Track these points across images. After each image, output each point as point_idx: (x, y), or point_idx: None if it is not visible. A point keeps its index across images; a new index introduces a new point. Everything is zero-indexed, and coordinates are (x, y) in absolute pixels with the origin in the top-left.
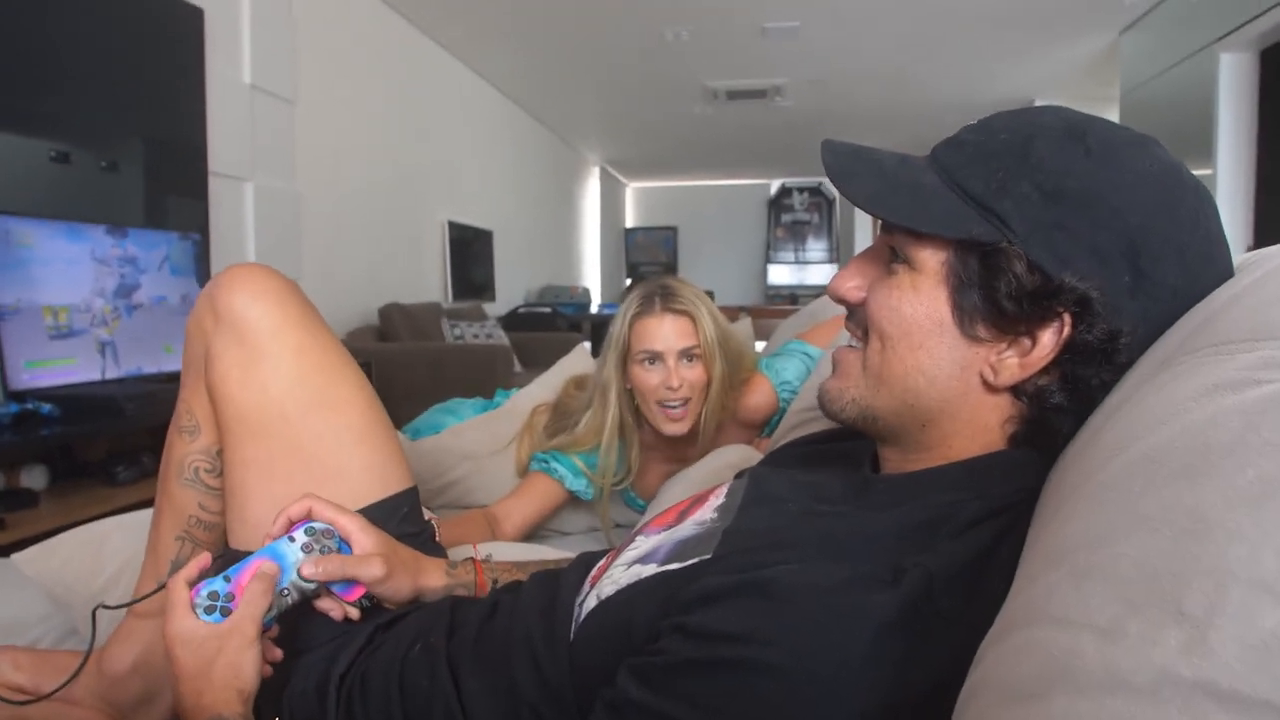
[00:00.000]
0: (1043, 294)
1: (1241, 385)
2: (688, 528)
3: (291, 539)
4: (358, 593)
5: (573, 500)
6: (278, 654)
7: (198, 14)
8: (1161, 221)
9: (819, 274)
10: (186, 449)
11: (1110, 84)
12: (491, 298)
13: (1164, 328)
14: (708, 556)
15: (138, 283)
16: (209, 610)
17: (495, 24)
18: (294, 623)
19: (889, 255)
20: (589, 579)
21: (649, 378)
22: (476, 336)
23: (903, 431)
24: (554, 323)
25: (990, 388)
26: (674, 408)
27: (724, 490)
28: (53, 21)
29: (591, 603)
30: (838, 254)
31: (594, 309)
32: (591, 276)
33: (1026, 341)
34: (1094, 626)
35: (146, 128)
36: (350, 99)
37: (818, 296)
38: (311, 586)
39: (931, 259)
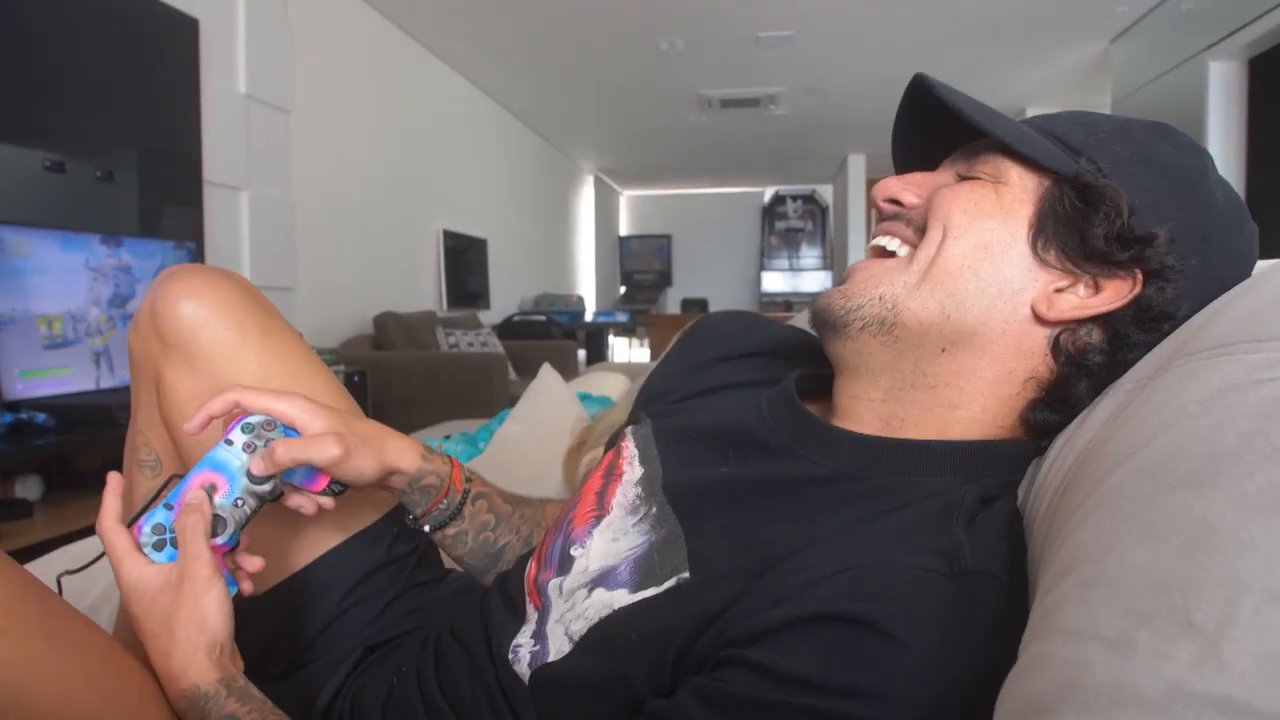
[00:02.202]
0: (1135, 241)
1: (1246, 388)
2: (628, 529)
3: (229, 442)
4: (322, 481)
5: None
6: (258, 564)
7: (193, 24)
8: (1231, 224)
9: (813, 281)
10: (149, 485)
11: (1102, 92)
12: (486, 306)
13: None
14: (685, 576)
15: (133, 292)
16: (159, 547)
17: (491, 34)
18: (272, 640)
19: (954, 180)
20: (527, 598)
21: None
22: (471, 345)
23: (915, 350)
24: (549, 331)
25: (1039, 320)
26: None
27: (631, 452)
28: (48, 31)
29: (565, 645)
30: (831, 261)
31: (588, 317)
32: (586, 284)
33: (1089, 288)
34: (1102, 639)
35: (142, 137)
36: (345, 108)
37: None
38: (268, 488)
39: (1022, 179)
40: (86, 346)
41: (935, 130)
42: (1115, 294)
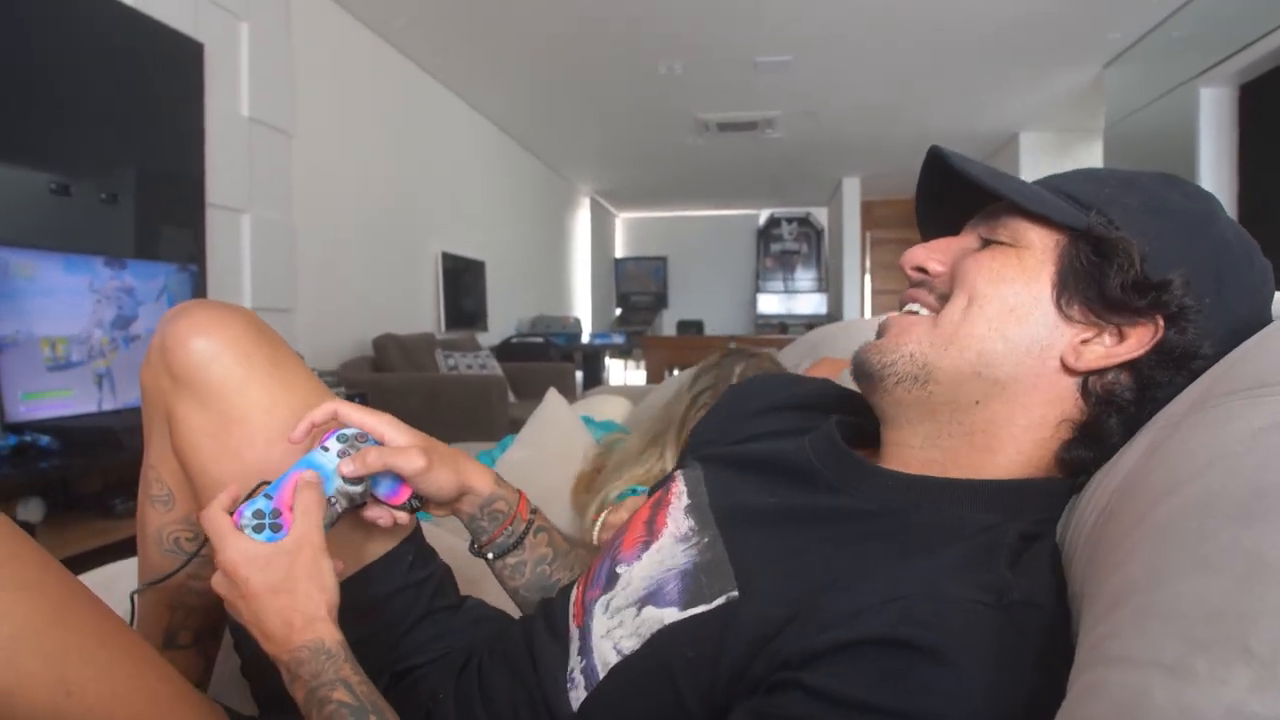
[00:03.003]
0: (1151, 288)
1: None
2: (675, 552)
3: (325, 448)
4: (404, 494)
5: None
6: (339, 565)
7: (198, 48)
8: (1243, 262)
9: (808, 303)
10: (162, 520)
11: (1095, 116)
12: (484, 327)
13: (1215, 361)
14: (735, 595)
15: (135, 314)
16: (259, 529)
17: (491, 58)
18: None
19: (977, 244)
20: (572, 620)
21: None
22: (470, 367)
23: (949, 404)
24: (547, 353)
25: (1068, 370)
26: None
27: (680, 488)
28: (56, 55)
29: (612, 657)
30: (826, 284)
31: (585, 339)
32: (582, 306)
33: (1113, 337)
34: (1160, 665)
35: (146, 160)
36: (346, 131)
37: (809, 326)
38: (358, 490)
39: (1040, 240)
40: (89, 369)
41: (955, 195)
42: (1139, 341)
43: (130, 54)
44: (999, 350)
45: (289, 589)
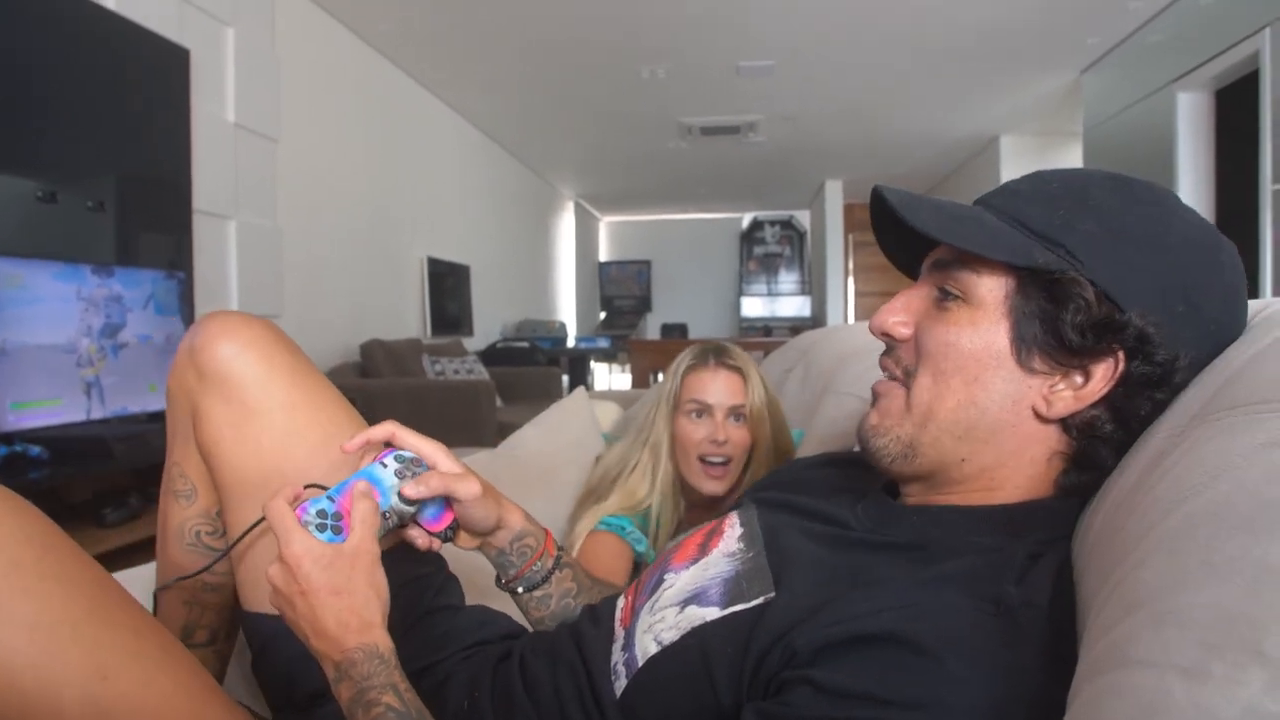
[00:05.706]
0: (1107, 327)
1: None
2: (721, 562)
3: (384, 464)
4: (444, 522)
5: None
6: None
7: (184, 54)
8: (1208, 262)
9: (791, 306)
10: (184, 514)
11: (1073, 121)
12: (469, 332)
13: (1201, 366)
14: (772, 595)
15: (123, 321)
16: (321, 529)
17: (475, 63)
18: (299, 661)
19: (937, 296)
20: (618, 622)
21: (695, 430)
22: (457, 372)
23: (940, 467)
24: (533, 357)
25: (1042, 419)
26: (715, 464)
27: (734, 520)
28: (41, 62)
29: (652, 648)
30: (809, 286)
31: (570, 343)
32: (567, 310)
33: (1079, 377)
34: (1178, 668)
35: (133, 166)
36: (331, 137)
37: (794, 329)
38: (410, 511)
39: (991, 294)
40: (78, 377)
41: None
42: (1104, 377)
43: (116, 60)
44: (973, 416)
45: (349, 591)
